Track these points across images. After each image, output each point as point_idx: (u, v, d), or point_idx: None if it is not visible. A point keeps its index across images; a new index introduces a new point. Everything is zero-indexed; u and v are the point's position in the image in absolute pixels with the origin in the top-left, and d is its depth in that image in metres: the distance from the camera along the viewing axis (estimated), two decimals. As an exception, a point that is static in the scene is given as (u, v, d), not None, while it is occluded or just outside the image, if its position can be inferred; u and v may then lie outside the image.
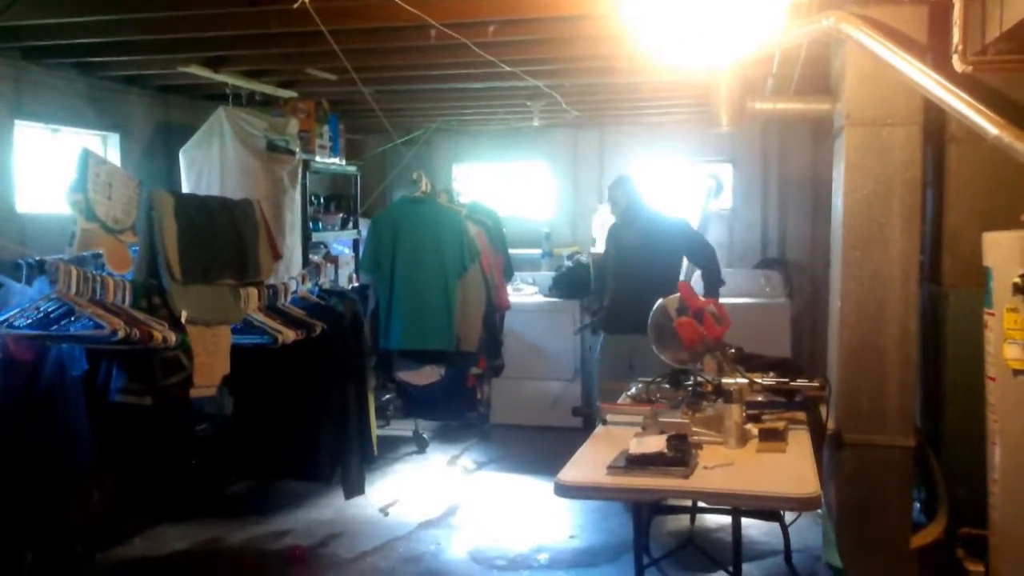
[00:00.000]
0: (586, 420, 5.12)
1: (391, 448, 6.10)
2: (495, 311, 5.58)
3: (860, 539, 3.54)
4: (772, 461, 2.92)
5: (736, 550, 3.23)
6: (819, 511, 3.74)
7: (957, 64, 3.19)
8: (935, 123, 3.56)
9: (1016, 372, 2.73)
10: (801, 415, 3.38)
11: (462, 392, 5.65)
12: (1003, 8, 2.94)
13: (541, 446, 5.79)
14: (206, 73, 4.89)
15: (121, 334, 3.31)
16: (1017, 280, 2.69)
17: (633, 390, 3.89)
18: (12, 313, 3.48)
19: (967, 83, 3.18)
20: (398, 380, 5.58)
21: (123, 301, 3.57)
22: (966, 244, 3.42)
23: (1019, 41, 3.01)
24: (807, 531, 4.26)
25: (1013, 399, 2.78)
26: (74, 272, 3.40)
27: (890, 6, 3.32)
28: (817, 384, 3.42)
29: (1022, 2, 2.72)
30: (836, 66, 3.79)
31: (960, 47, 3.17)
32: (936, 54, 3.34)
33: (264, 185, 5.07)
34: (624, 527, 4.43)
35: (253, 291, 4.15)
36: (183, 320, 3.72)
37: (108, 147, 5.44)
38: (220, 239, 4.03)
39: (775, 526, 4.17)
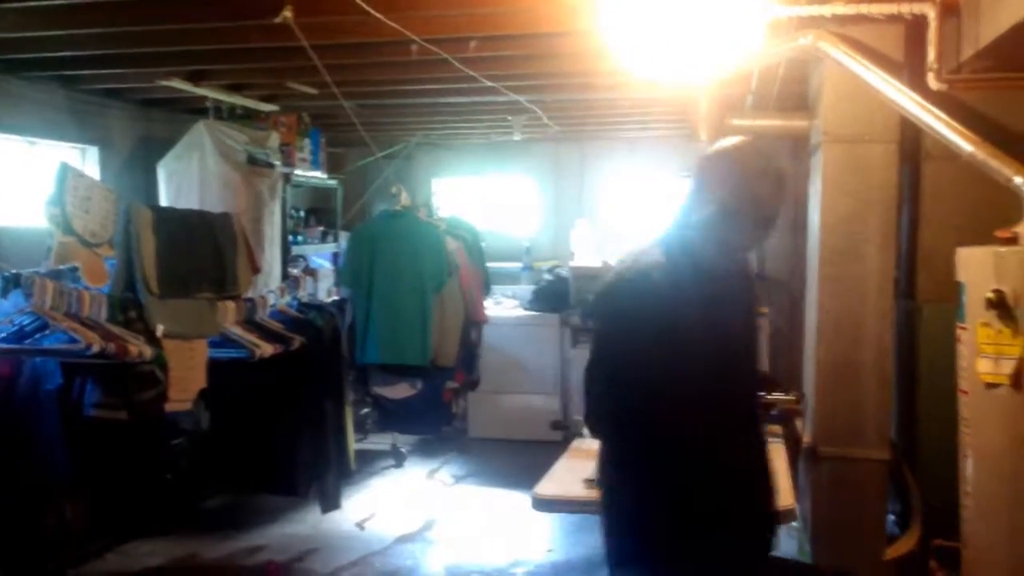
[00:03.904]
0: (566, 433, 5.13)
1: (369, 462, 6.07)
2: (472, 326, 5.59)
3: (835, 551, 3.56)
4: (749, 474, 2.93)
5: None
6: (794, 524, 3.75)
7: (932, 82, 3.24)
8: (912, 140, 3.61)
9: (988, 385, 2.75)
10: (777, 428, 3.41)
11: (439, 406, 5.66)
12: (978, 27, 3.00)
13: (520, 460, 5.78)
14: (187, 87, 4.88)
15: (96, 348, 3.30)
16: (990, 295, 2.72)
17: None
18: (-13, 327, 3.46)
19: (942, 101, 3.23)
20: (375, 394, 5.58)
21: (99, 315, 3.55)
22: (941, 260, 3.45)
23: (994, 59, 3.06)
24: (783, 543, 4.25)
25: (985, 412, 2.81)
26: (50, 286, 3.38)
27: (867, 25, 3.36)
28: (793, 398, 3.45)
29: (997, 21, 2.76)
30: (814, 84, 3.83)
31: (935, 65, 3.22)
32: (912, 72, 3.38)
33: (244, 198, 5.06)
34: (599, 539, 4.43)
35: (231, 305, 4.14)
36: (159, 334, 3.71)
37: (87, 160, 5.40)
38: (198, 252, 4.03)
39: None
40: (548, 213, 7.72)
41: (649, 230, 2.19)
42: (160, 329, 3.75)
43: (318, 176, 6.20)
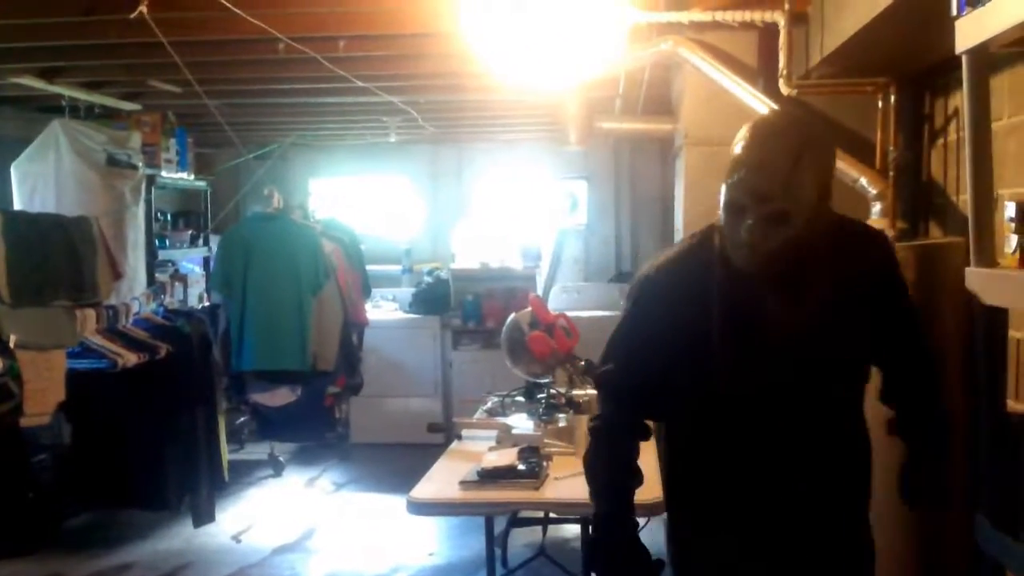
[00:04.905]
0: (446, 435, 5.12)
1: (245, 472, 5.92)
2: (352, 328, 5.52)
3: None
4: (619, 469, 2.99)
5: (585, 558, 3.29)
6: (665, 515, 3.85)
7: (783, 87, 3.38)
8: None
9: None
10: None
11: (320, 412, 5.57)
12: (824, 35, 3.15)
13: (403, 464, 5.73)
14: (40, 84, 4.64)
15: (-60, 361, 3.11)
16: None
17: (489, 404, 3.93)
18: None
19: (793, 106, 3.38)
20: (253, 402, 5.45)
21: (-57, 326, 3.36)
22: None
23: (838, 65, 3.22)
24: (658, 534, 4.37)
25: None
26: None
27: (723, 31, 3.49)
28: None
29: (840, 29, 2.91)
30: (676, 88, 3.95)
31: (786, 71, 3.37)
32: (766, 78, 3.53)
33: (104, 201, 4.85)
34: (483, 542, 4.45)
35: (91, 312, 3.98)
36: (12, 344, 3.54)
37: (-69, 162, 5.08)
38: (53, 258, 3.85)
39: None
40: (428, 215, 7.71)
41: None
42: (12, 339, 3.57)
43: (185, 178, 6.00)
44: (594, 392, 3.48)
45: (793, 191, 1.65)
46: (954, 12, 1.92)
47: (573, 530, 4.54)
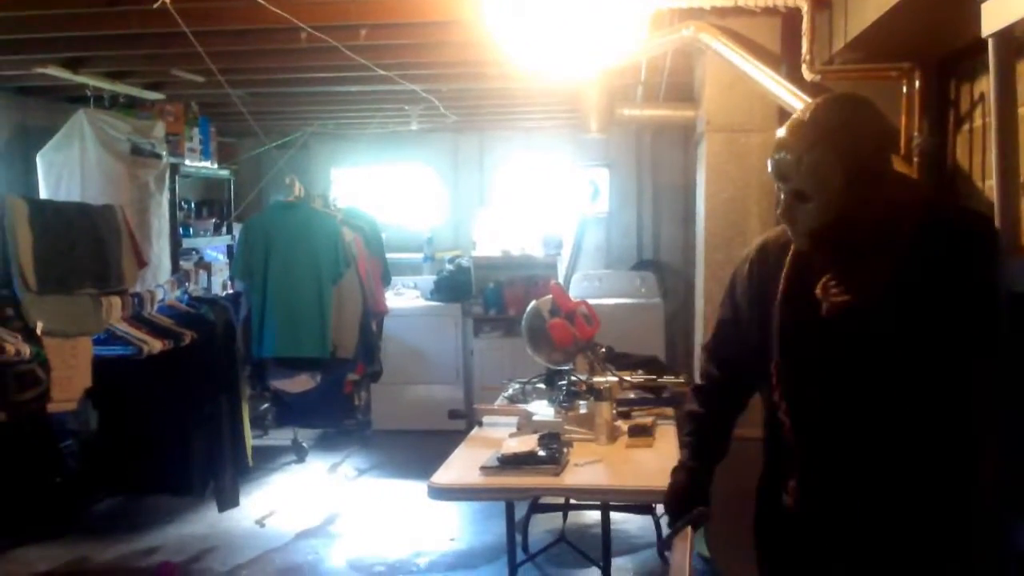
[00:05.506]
0: (468, 421, 5.14)
1: (269, 458, 5.98)
2: (372, 317, 5.55)
3: (729, 529, 3.66)
4: (640, 456, 3.01)
5: (605, 544, 3.30)
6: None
7: (806, 73, 3.35)
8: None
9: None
10: (668, 411, 3.50)
11: (340, 399, 5.60)
12: (847, 20, 3.12)
13: (424, 450, 5.76)
14: (64, 74, 4.68)
15: (-31, 347, 3.16)
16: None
17: (510, 391, 3.94)
18: None
19: (816, 91, 3.34)
20: (274, 389, 5.49)
21: (-28, 313, 3.40)
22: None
23: (863, 51, 3.19)
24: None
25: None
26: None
27: (745, 17, 3.46)
28: (683, 380, 3.55)
29: (863, 14, 2.88)
30: (698, 74, 3.93)
31: (808, 57, 3.33)
32: (789, 63, 3.50)
33: (128, 190, 4.89)
34: (504, 527, 4.46)
35: (116, 300, 4.02)
36: (39, 332, 3.58)
37: (-42, 151, 5.15)
38: (79, 247, 3.89)
39: (650, 520, 4.28)
40: (449, 203, 7.72)
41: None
42: (39, 326, 3.62)
43: (209, 166, 6.04)
44: (614, 379, 3.49)
45: (807, 173, 1.69)
46: (979, -5, 1.90)
47: (593, 516, 4.54)
